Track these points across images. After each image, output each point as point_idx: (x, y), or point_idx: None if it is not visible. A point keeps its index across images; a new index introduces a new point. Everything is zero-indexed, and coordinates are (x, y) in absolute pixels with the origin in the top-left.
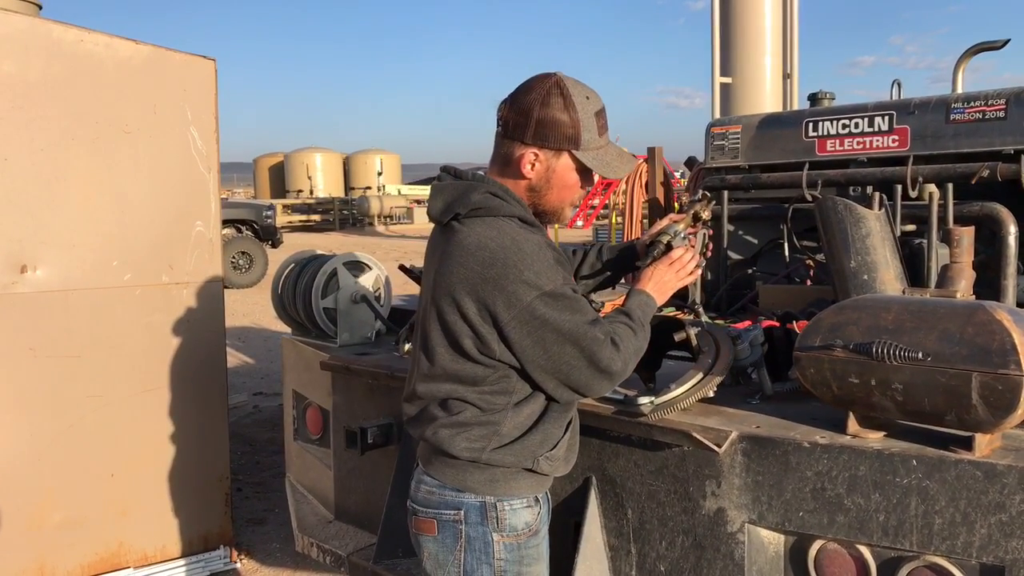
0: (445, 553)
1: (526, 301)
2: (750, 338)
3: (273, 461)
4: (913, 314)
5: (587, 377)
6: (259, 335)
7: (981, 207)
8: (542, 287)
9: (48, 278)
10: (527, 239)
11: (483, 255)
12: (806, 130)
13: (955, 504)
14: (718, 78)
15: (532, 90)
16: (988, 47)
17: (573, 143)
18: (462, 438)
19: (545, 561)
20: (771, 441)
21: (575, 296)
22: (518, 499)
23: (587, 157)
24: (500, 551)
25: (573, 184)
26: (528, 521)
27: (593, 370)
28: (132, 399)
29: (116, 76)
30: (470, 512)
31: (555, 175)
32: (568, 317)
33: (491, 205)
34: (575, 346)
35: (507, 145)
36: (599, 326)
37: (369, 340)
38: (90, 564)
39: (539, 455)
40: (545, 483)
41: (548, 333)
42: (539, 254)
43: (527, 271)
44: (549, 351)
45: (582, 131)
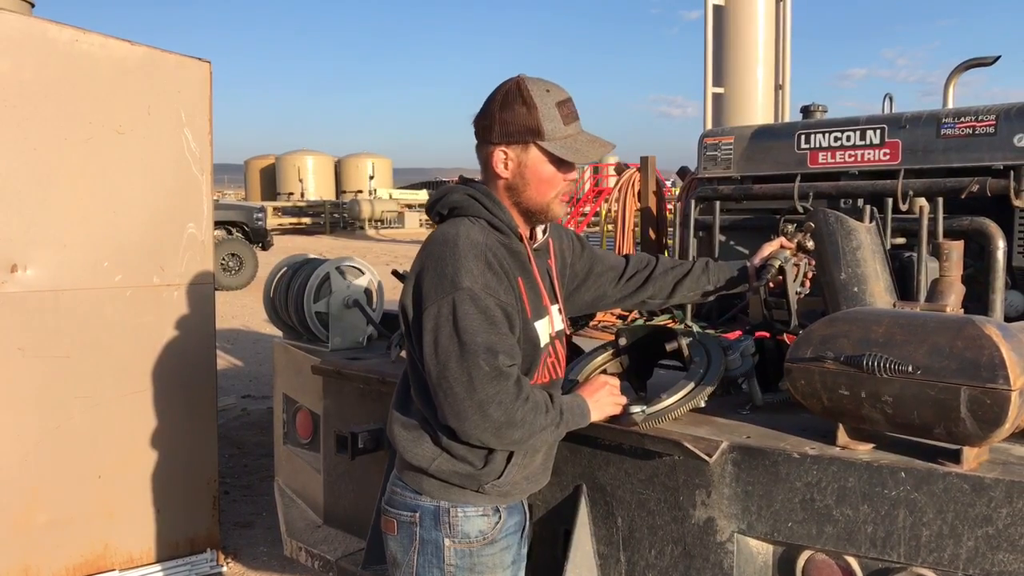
0: (402, 553)
1: (435, 294)
2: (741, 348)
3: (261, 464)
4: (903, 327)
5: (455, 406)
6: (248, 337)
7: (971, 222)
8: (458, 284)
9: (38, 278)
10: (470, 237)
11: (431, 247)
12: (798, 142)
13: (942, 516)
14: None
15: (493, 95)
16: (979, 63)
17: (536, 134)
18: (415, 445)
19: (507, 570)
20: (761, 451)
21: (492, 311)
22: (472, 507)
23: (553, 146)
24: (451, 556)
25: (550, 177)
26: (482, 529)
27: (466, 401)
28: (121, 400)
29: (110, 77)
30: (425, 515)
31: (528, 170)
32: (468, 325)
33: (465, 205)
34: (459, 362)
35: (481, 151)
36: (504, 359)
37: (361, 345)
38: (76, 566)
39: (483, 483)
40: (508, 496)
41: (443, 336)
42: (472, 252)
43: (450, 265)
44: (437, 356)
45: (543, 121)
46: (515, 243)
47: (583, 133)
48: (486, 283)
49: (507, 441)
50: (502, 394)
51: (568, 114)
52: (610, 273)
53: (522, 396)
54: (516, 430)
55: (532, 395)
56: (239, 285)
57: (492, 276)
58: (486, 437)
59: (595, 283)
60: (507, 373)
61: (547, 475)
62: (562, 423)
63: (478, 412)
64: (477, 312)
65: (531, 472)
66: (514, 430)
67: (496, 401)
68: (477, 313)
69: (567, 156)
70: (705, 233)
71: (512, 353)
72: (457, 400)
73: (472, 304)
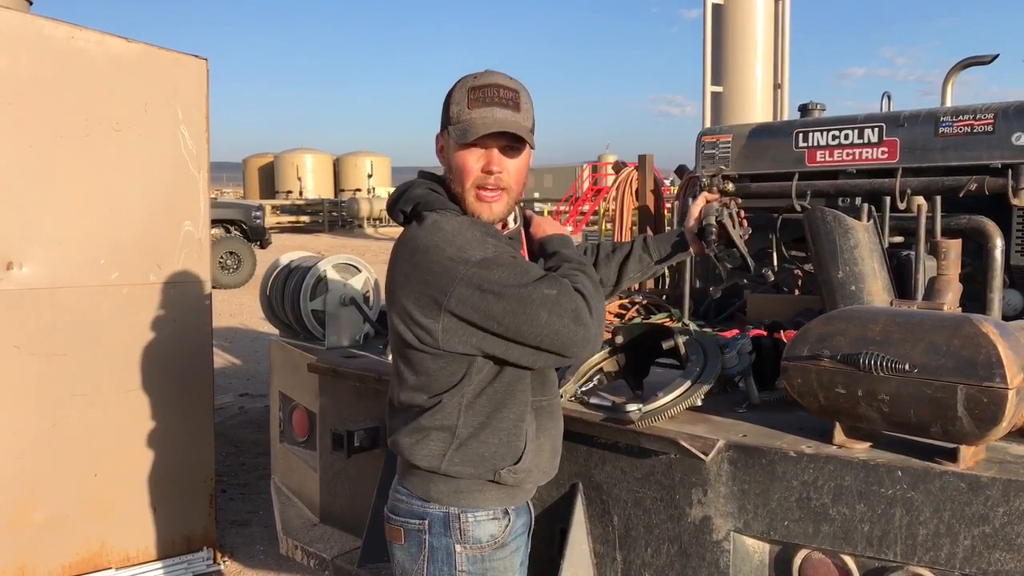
0: (410, 562)
1: (458, 277)
2: (738, 347)
3: (258, 463)
4: (900, 326)
5: (560, 333)
6: (246, 336)
7: (968, 220)
8: (470, 259)
9: (34, 275)
10: (449, 220)
11: (410, 245)
12: (796, 140)
13: (939, 515)
14: (709, 87)
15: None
16: (977, 62)
17: (448, 119)
18: (421, 446)
19: (516, 572)
20: (758, 450)
21: (513, 261)
22: (483, 511)
23: (454, 130)
24: (463, 563)
25: (460, 165)
26: (493, 533)
27: (564, 322)
28: (117, 398)
29: (107, 74)
30: (434, 523)
31: (448, 157)
32: (509, 278)
33: (429, 199)
34: (524, 305)
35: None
36: (548, 280)
37: (357, 343)
38: (72, 564)
39: (500, 467)
40: (516, 495)
41: (493, 301)
42: (461, 231)
43: (449, 248)
44: (503, 319)
45: (452, 105)
46: (490, 227)
47: (490, 115)
48: (484, 244)
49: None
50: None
51: (477, 98)
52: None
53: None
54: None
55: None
56: (237, 283)
57: (488, 236)
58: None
59: None
60: (557, 280)
61: (555, 468)
62: (584, 262)
63: (581, 328)
64: (497, 268)
65: (541, 461)
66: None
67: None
68: (498, 268)
69: (458, 138)
70: None
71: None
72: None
73: (490, 268)
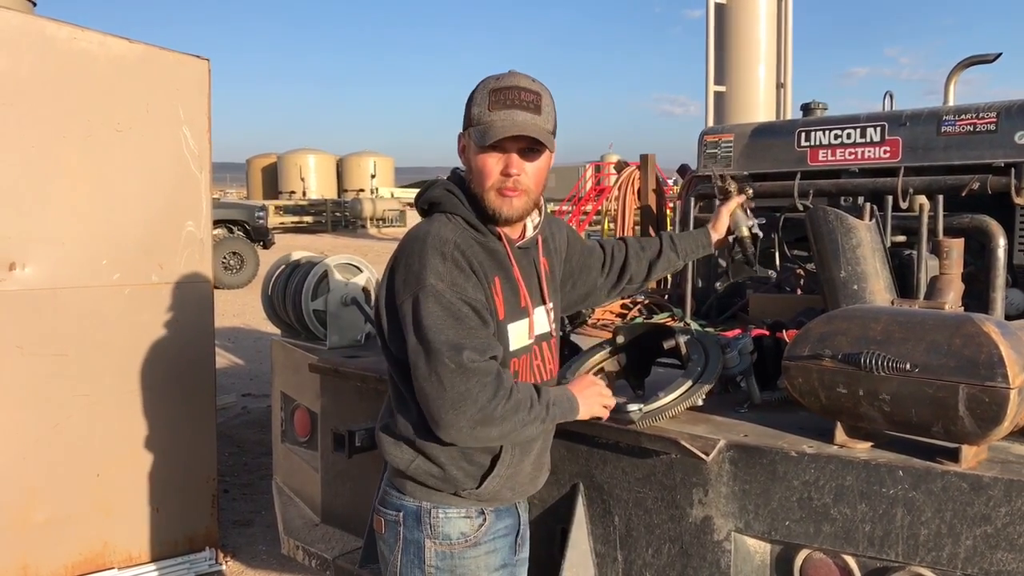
0: (388, 552)
1: (403, 291)
2: (739, 347)
3: (260, 463)
4: (901, 325)
5: (428, 406)
6: (249, 336)
7: (971, 219)
8: (423, 281)
9: (36, 276)
10: (439, 234)
11: (403, 243)
12: (798, 140)
13: (941, 515)
14: (712, 86)
15: None
16: (980, 60)
17: (468, 120)
18: (394, 447)
19: (493, 573)
20: (759, 450)
21: (456, 307)
22: (454, 508)
23: (475, 132)
24: (432, 557)
25: (480, 166)
26: (464, 531)
27: (438, 401)
28: (119, 398)
29: (109, 74)
30: (408, 515)
31: (467, 157)
32: (431, 323)
33: (443, 200)
34: (426, 361)
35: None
36: (470, 355)
37: (358, 343)
38: (74, 564)
39: (461, 488)
40: (490, 502)
41: (410, 336)
42: (437, 249)
43: (416, 261)
44: (409, 356)
45: (473, 106)
46: (491, 241)
47: (509, 118)
48: (452, 280)
49: (485, 439)
50: (475, 390)
51: (498, 100)
52: (596, 264)
53: (501, 392)
54: (494, 427)
55: (514, 392)
56: (240, 284)
57: (459, 273)
58: (462, 437)
59: (587, 277)
60: (475, 368)
61: (537, 484)
62: (548, 417)
63: (451, 411)
64: (440, 309)
65: (516, 484)
66: (491, 427)
67: (469, 399)
68: (440, 310)
69: (478, 140)
70: None
71: (482, 348)
72: (429, 400)
73: (435, 302)
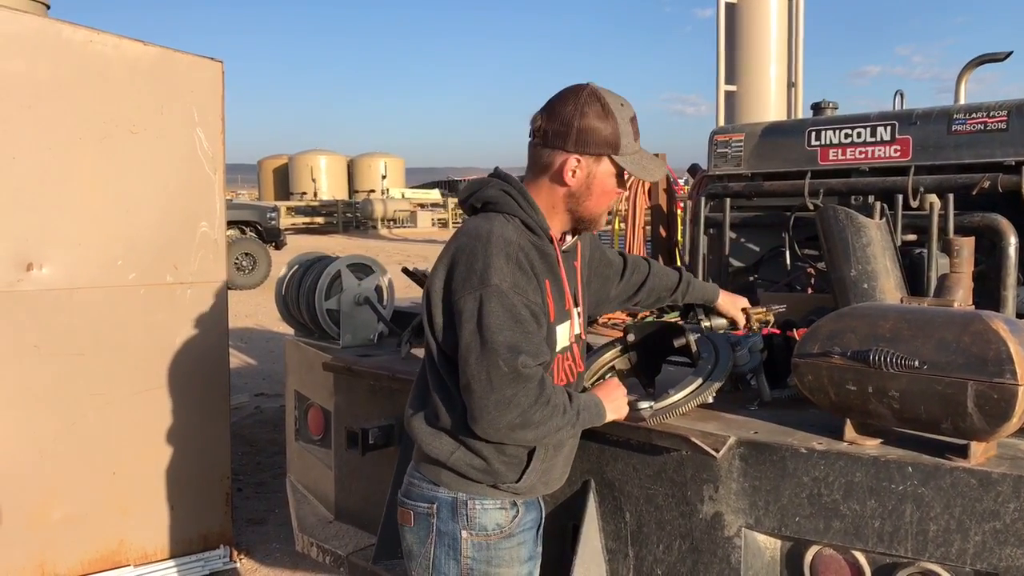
0: (418, 545)
1: (463, 288)
2: (749, 344)
3: (274, 462)
4: (910, 323)
5: (472, 403)
6: (261, 336)
7: (982, 218)
8: (487, 281)
9: (53, 276)
10: (503, 235)
11: (463, 239)
12: (809, 139)
13: (950, 511)
14: (723, 86)
15: (568, 100)
16: (991, 59)
17: (613, 148)
18: (433, 437)
19: (523, 564)
20: (769, 447)
21: (518, 310)
22: (490, 499)
23: (625, 161)
24: (468, 549)
25: (611, 190)
26: (500, 523)
27: (483, 400)
28: (134, 398)
29: (124, 77)
30: (442, 507)
31: (595, 181)
32: (492, 323)
33: (500, 201)
34: (478, 359)
35: (547, 154)
36: (525, 360)
37: (371, 342)
38: (90, 561)
39: (500, 482)
40: (524, 495)
41: (466, 332)
42: (503, 250)
43: (480, 260)
44: (460, 352)
45: (620, 136)
46: (546, 244)
47: (644, 151)
48: (515, 282)
49: (520, 441)
50: (520, 396)
51: (636, 132)
52: (614, 276)
53: (542, 399)
54: (530, 431)
55: (552, 397)
56: (253, 284)
57: (521, 275)
58: (499, 436)
59: (602, 285)
60: (527, 375)
61: (564, 478)
62: (578, 423)
63: (494, 411)
64: (503, 310)
65: (550, 478)
66: (528, 431)
67: (514, 403)
68: (503, 311)
69: (637, 172)
70: (715, 230)
71: (536, 353)
72: (474, 397)
73: (499, 302)
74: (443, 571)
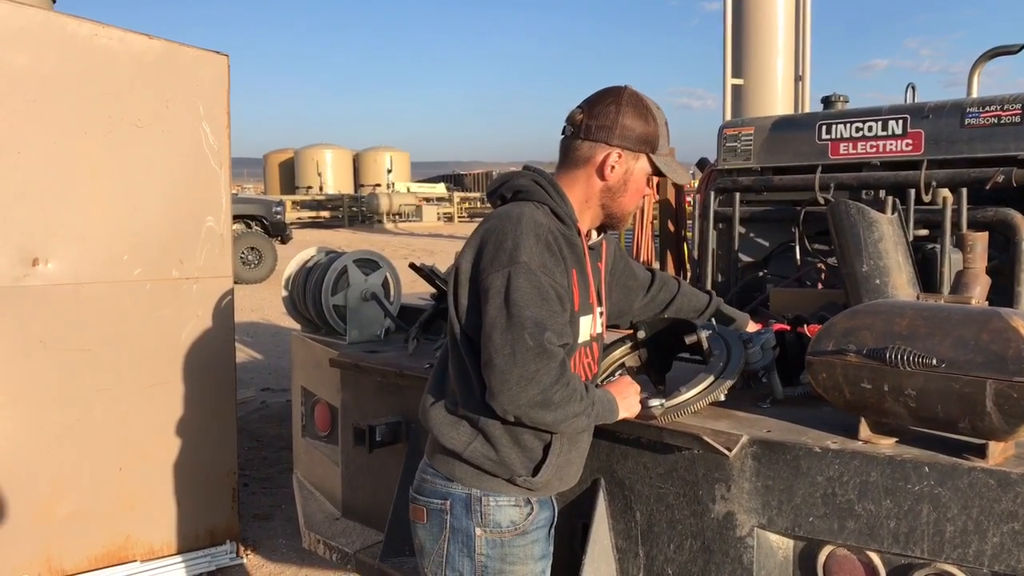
0: (432, 542)
1: (492, 266)
2: (761, 341)
3: (280, 457)
4: (927, 320)
5: (493, 378)
6: (267, 331)
7: (995, 212)
8: (516, 258)
9: (59, 271)
10: (533, 218)
11: (494, 221)
12: (819, 133)
13: (967, 512)
14: (730, 80)
15: (610, 97)
16: (1004, 51)
17: (651, 147)
18: (450, 428)
19: (537, 562)
20: (782, 445)
21: (545, 289)
22: (505, 496)
23: (660, 161)
24: (482, 546)
25: (642, 189)
26: (514, 519)
27: (506, 375)
28: (141, 393)
29: (129, 71)
30: (456, 503)
31: (632, 177)
32: (519, 298)
33: (530, 190)
34: (503, 333)
35: (587, 148)
36: (551, 337)
37: (378, 338)
38: (97, 556)
39: (516, 475)
40: (537, 492)
41: (492, 308)
42: (533, 231)
43: (510, 239)
44: (485, 327)
45: (659, 136)
46: (574, 235)
47: (676, 162)
48: (543, 262)
49: (538, 421)
50: (543, 373)
51: (668, 135)
52: (638, 288)
53: (563, 379)
54: (549, 412)
55: (572, 380)
56: (258, 279)
57: (550, 256)
58: (519, 413)
59: (624, 296)
60: (551, 352)
61: (577, 476)
62: (593, 414)
63: (516, 386)
64: (531, 287)
65: (565, 474)
66: (547, 412)
67: (536, 379)
68: (531, 288)
69: (668, 173)
70: (725, 225)
71: (561, 332)
72: (496, 372)
73: (527, 279)
74: (457, 568)
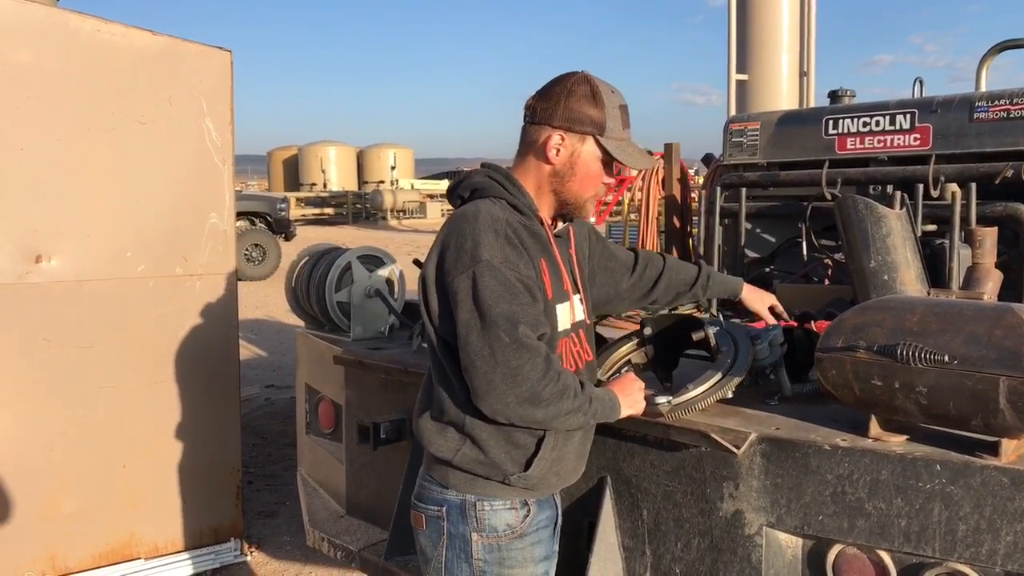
0: (431, 548)
1: (455, 269)
2: (769, 338)
3: (284, 454)
4: (939, 316)
5: (477, 381)
6: (271, 327)
7: (1004, 207)
8: (478, 257)
9: (62, 268)
10: (490, 214)
11: (452, 224)
12: (826, 128)
13: (980, 511)
14: (734, 75)
15: (560, 82)
16: (1013, 45)
17: (598, 128)
18: (438, 436)
19: (538, 564)
20: (791, 443)
21: (511, 283)
22: (499, 499)
23: (610, 145)
24: (479, 551)
25: (595, 174)
26: (510, 523)
27: (489, 375)
28: (144, 390)
29: (132, 67)
30: (451, 510)
31: (579, 161)
32: (487, 296)
33: (486, 186)
34: (479, 335)
35: (534, 131)
36: (525, 330)
37: (382, 335)
38: (101, 554)
39: (509, 473)
40: (534, 491)
41: (463, 311)
42: (491, 227)
43: (469, 239)
44: (459, 331)
45: (607, 119)
46: (535, 225)
47: (632, 142)
48: (505, 256)
49: (530, 419)
50: (527, 367)
51: (626, 120)
52: (622, 270)
53: (550, 374)
54: (540, 409)
55: (563, 376)
56: (262, 275)
57: (511, 250)
58: (508, 412)
59: (609, 279)
60: (530, 346)
61: (578, 472)
62: (590, 411)
63: (502, 384)
64: (497, 283)
65: (561, 469)
66: (537, 408)
67: (521, 375)
68: (497, 284)
69: (620, 157)
70: (731, 220)
71: (535, 323)
72: (479, 375)
73: (491, 276)
74: (455, 574)
